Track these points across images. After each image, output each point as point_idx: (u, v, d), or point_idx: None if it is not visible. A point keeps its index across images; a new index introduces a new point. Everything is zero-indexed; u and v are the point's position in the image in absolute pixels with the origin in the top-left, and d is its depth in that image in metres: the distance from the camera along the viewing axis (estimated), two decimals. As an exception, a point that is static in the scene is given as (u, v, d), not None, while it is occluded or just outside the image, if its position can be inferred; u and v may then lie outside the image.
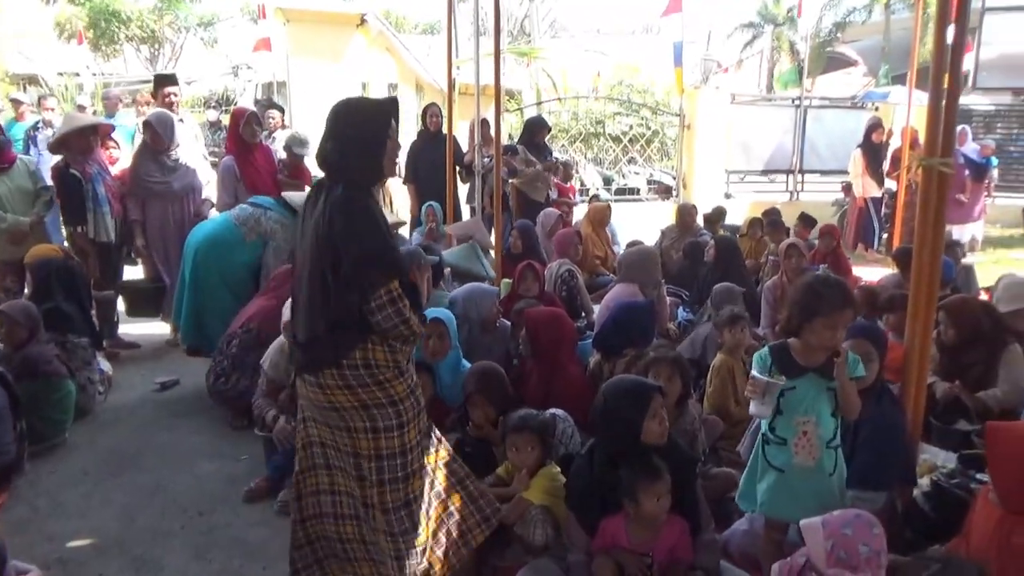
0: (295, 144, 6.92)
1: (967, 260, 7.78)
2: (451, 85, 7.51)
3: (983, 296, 6.32)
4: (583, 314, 5.77)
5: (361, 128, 2.45)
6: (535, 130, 8.43)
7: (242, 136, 6.14)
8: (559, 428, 3.37)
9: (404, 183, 8.28)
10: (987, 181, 10.49)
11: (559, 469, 3.12)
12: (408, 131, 11.75)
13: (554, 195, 8.36)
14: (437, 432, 2.73)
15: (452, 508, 2.69)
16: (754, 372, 2.65)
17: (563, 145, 12.44)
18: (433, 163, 7.70)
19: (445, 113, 7.57)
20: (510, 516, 2.90)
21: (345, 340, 2.40)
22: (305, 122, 9.78)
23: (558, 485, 3.03)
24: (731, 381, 4.10)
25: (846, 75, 24.08)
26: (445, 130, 7.64)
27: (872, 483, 2.97)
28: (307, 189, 6.87)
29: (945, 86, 2.85)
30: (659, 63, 14.64)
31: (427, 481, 2.60)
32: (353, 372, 2.41)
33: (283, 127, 9.16)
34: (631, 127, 13.30)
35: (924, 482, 3.64)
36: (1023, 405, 4.06)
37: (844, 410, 2.64)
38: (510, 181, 7.80)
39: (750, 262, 7.22)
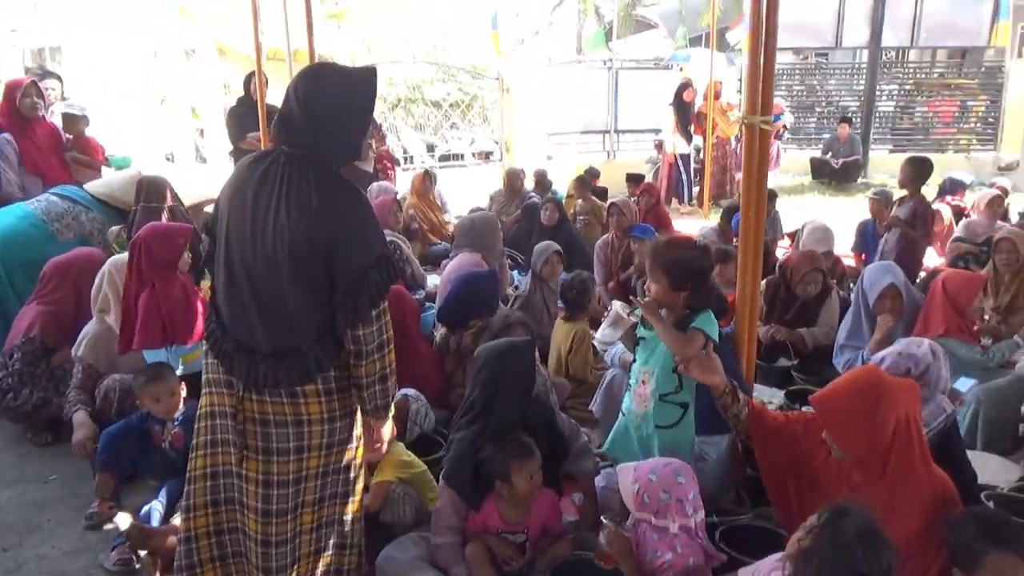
0: (75, 115, 6.12)
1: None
2: (259, 50, 6.95)
3: (787, 240, 6.92)
4: (418, 285, 5.65)
5: (347, 99, 2.09)
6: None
7: (20, 110, 5.37)
8: (412, 408, 3.26)
9: (229, 155, 7.65)
10: (778, 134, 11.44)
11: (403, 446, 3.05)
12: (211, 102, 10.89)
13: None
14: None
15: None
16: (614, 302, 2.81)
17: (382, 112, 12.08)
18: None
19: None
20: (373, 503, 2.77)
21: (330, 351, 2.12)
22: (84, 94, 8.75)
23: (407, 459, 2.98)
24: (590, 348, 4.18)
25: (649, 38, 25.24)
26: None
27: (714, 428, 3.12)
28: (102, 167, 6.19)
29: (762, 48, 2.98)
30: (475, 26, 14.56)
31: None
32: (325, 386, 2.15)
33: (63, 99, 8.12)
34: (449, 92, 13.16)
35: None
36: (831, 343, 4.48)
37: (673, 351, 2.66)
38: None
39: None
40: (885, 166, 12.71)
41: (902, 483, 2.31)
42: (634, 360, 2.84)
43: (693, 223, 8.85)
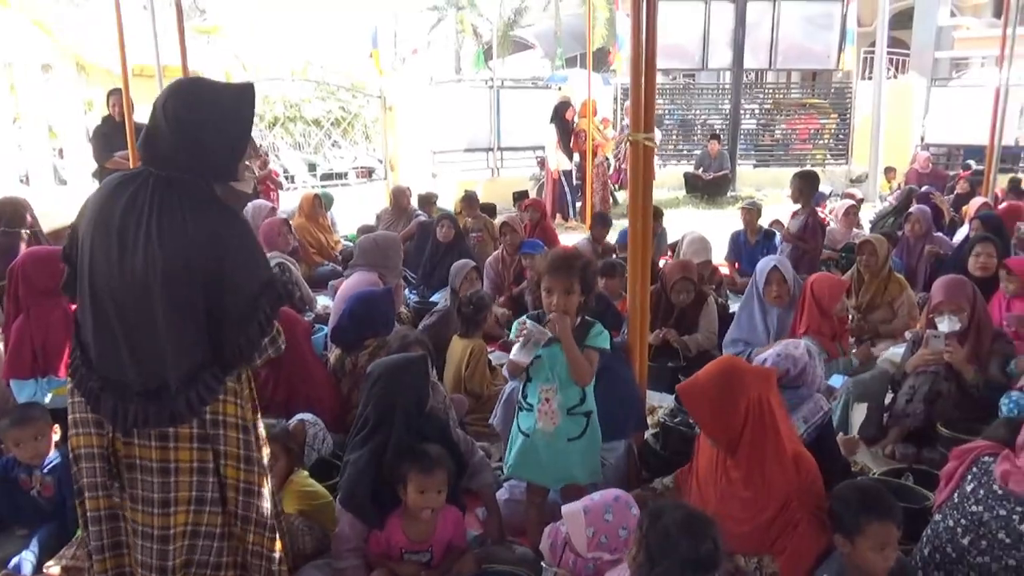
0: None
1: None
2: (125, 66, 6.61)
3: (669, 252, 7.21)
4: (307, 307, 5.51)
5: (220, 115, 1.95)
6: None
7: None
8: (309, 433, 3.17)
9: (93, 176, 7.22)
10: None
11: (307, 473, 2.97)
12: (71, 121, 10.20)
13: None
14: None
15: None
16: (524, 319, 2.71)
17: (260, 131, 11.72)
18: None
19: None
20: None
21: (206, 389, 1.96)
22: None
23: (311, 490, 2.88)
24: (487, 364, 4.19)
25: (527, 58, 25.84)
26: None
27: (612, 435, 3.21)
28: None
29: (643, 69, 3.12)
30: (353, 44, 14.43)
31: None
32: (200, 430, 2.00)
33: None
34: (330, 110, 12.94)
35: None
36: (714, 347, 4.71)
37: (573, 376, 2.70)
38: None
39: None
40: (751, 179, 13.54)
41: (758, 459, 2.49)
42: (528, 380, 2.79)
43: (578, 237, 9.07)
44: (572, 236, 9.32)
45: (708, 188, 12.68)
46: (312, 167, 11.86)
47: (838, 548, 2.31)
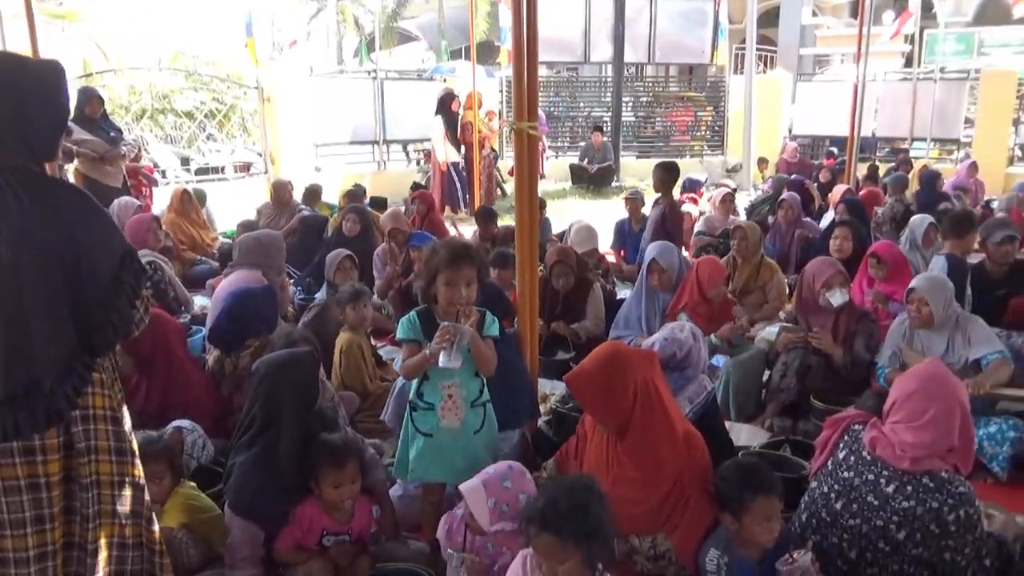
0: None
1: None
2: (-34, 51, 6.03)
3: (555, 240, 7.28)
4: (182, 308, 5.23)
5: (25, 90, 1.81)
6: (82, 102, 7.09)
7: None
8: (187, 441, 2.99)
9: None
10: (539, 142, 12.08)
11: (194, 484, 2.79)
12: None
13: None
14: None
15: None
16: (446, 324, 2.57)
17: (127, 123, 10.99)
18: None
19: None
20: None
21: (85, 372, 1.84)
22: None
23: (197, 503, 2.71)
24: (361, 357, 4.06)
25: (412, 50, 25.54)
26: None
27: (506, 424, 3.20)
28: None
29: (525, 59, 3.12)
30: (226, 32, 13.77)
31: None
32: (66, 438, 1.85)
33: None
34: (203, 102, 12.32)
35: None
36: (603, 333, 4.79)
37: (479, 367, 2.70)
38: (66, 167, 6.62)
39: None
40: (634, 170, 13.92)
41: (649, 440, 2.54)
42: (425, 378, 2.70)
43: (467, 229, 9.04)
44: (463, 229, 9.28)
45: (593, 179, 12.93)
46: (186, 161, 11.25)
47: (727, 526, 2.40)
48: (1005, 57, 16.28)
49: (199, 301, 5.57)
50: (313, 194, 8.04)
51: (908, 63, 17.78)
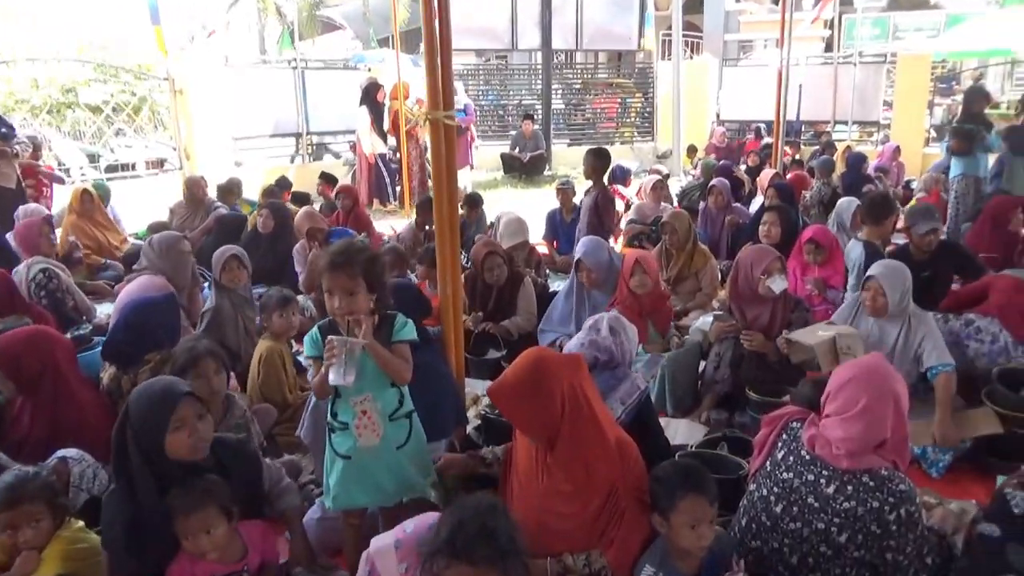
0: None
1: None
2: None
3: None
4: (83, 318, 4.84)
5: None
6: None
7: None
8: (75, 472, 2.69)
9: None
10: (468, 132, 11.80)
11: (82, 523, 2.49)
12: None
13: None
14: None
15: None
16: (331, 338, 2.35)
17: (24, 119, 10.28)
18: None
19: None
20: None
21: None
22: None
23: (83, 545, 2.41)
24: (282, 367, 3.80)
25: (337, 39, 24.88)
26: None
27: (432, 434, 3.01)
28: None
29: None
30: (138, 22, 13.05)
31: None
32: None
33: None
34: (113, 95, 11.63)
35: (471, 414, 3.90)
36: (535, 328, 4.63)
37: (391, 376, 2.48)
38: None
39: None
40: (566, 158, 13.82)
41: (579, 450, 2.36)
42: (336, 396, 2.48)
43: (398, 223, 8.78)
44: (394, 222, 9.00)
45: (525, 168, 12.79)
46: (95, 158, 10.58)
47: (657, 527, 2.27)
48: (919, 41, 16.79)
49: (104, 309, 5.18)
50: (229, 191, 7.63)
51: (828, 48, 18.18)
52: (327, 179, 8.42)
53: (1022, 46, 14.27)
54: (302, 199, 7.93)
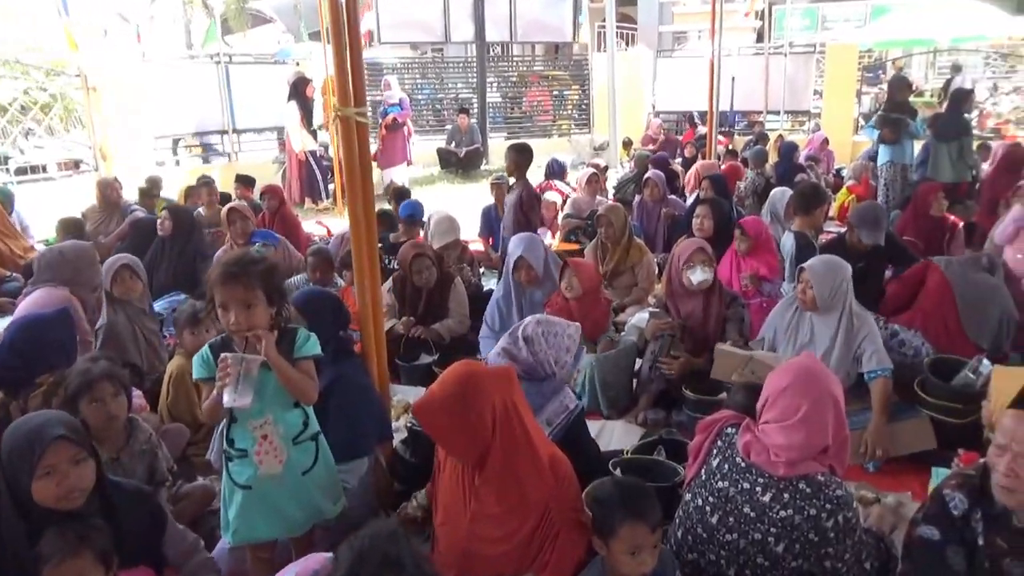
0: None
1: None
2: None
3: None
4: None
5: None
6: None
7: None
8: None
9: None
10: (404, 127, 11.52)
11: None
12: None
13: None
14: None
15: None
16: (224, 356, 2.14)
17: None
18: None
19: None
20: None
21: None
22: None
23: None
24: (194, 386, 3.54)
25: (267, 32, 24.16)
26: None
27: (353, 452, 2.82)
28: None
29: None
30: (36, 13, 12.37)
31: None
32: None
33: None
34: (22, 92, 10.98)
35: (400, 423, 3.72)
36: (468, 330, 4.47)
37: (295, 396, 2.28)
38: None
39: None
40: (503, 152, 13.62)
41: (511, 470, 2.21)
42: (232, 420, 2.26)
43: (332, 222, 8.50)
44: (331, 221, 8.69)
45: (462, 163, 12.59)
46: (3, 160, 9.93)
47: (597, 549, 2.14)
48: (847, 31, 17.12)
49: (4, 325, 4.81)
50: (147, 192, 7.23)
51: (760, 39, 18.43)
52: (244, 182, 8.05)
53: (943, 36, 14.70)
54: (226, 199, 7.57)
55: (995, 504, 2.01)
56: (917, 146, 7.67)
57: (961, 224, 5.88)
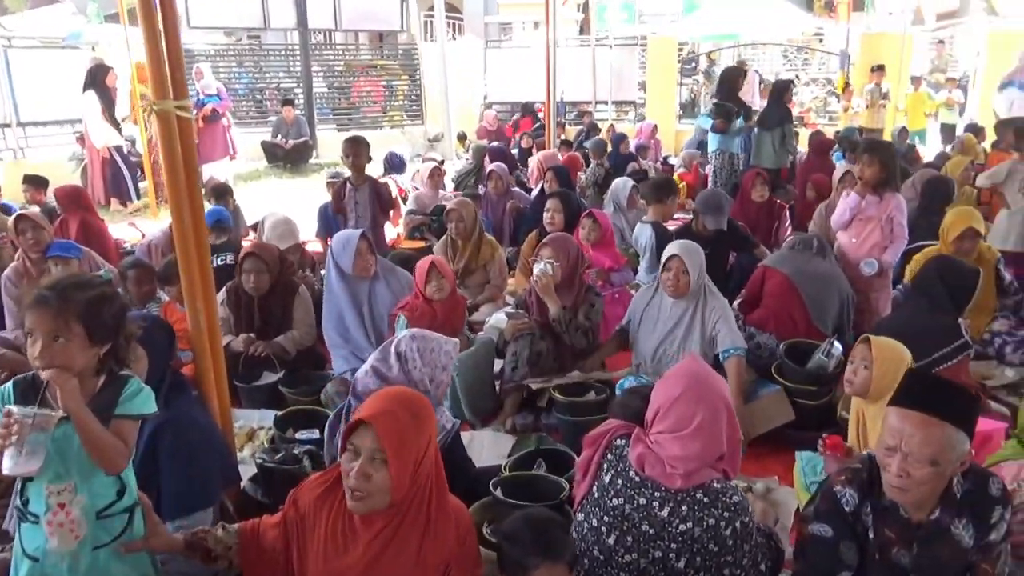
0: None
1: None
2: None
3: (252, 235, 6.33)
4: None
5: None
6: None
7: None
8: None
9: None
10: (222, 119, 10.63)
11: None
12: None
13: None
14: None
15: None
16: (8, 410, 1.69)
17: None
18: None
19: None
20: None
21: None
22: None
23: None
24: None
25: (54, 12, 21.64)
26: None
27: (193, 505, 2.41)
28: None
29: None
30: None
31: None
32: None
33: None
34: None
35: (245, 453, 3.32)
36: (314, 341, 4.09)
37: (98, 464, 1.81)
38: None
39: None
40: (333, 145, 12.95)
41: (422, 514, 1.93)
42: (28, 478, 1.80)
43: (147, 225, 7.65)
44: (145, 224, 7.78)
45: (289, 156, 11.90)
46: None
47: None
48: (662, 25, 17.93)
49: None
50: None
51: (582, 31, 18.93)
52: (35, 183, 7.02)
53: (746, 31, 15.73)
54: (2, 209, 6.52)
55: (884, 497, 2.02)
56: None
57: (787, 207, 6.23)
